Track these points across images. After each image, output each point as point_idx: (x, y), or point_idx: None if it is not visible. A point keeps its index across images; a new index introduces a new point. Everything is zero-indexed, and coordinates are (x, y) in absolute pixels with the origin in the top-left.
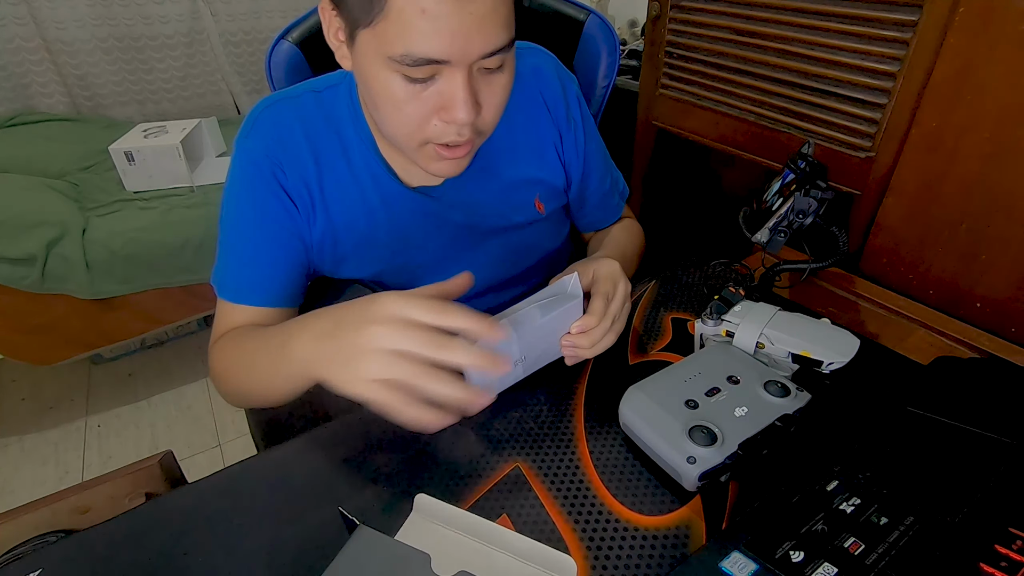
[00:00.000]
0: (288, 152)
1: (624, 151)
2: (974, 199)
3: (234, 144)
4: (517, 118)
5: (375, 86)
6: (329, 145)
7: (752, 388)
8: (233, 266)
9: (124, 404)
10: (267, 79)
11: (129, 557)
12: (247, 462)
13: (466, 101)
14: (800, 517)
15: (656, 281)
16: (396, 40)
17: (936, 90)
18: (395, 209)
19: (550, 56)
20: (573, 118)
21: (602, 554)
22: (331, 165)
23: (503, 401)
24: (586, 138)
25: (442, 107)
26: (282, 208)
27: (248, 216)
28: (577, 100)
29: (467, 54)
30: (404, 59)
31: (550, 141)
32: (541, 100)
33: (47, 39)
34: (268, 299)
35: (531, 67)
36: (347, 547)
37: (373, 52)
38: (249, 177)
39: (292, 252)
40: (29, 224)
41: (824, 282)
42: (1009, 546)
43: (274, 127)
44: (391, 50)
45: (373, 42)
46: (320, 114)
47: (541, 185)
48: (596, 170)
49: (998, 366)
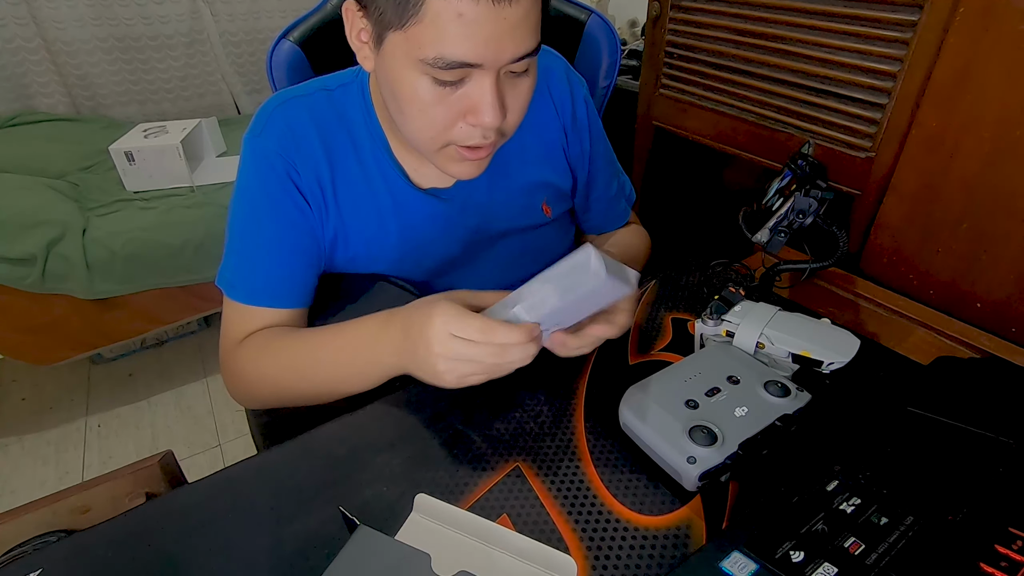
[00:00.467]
0: (302, 151)
1: (624, 151)
2: (974, 199)
3: (244, 142)
4: (526, 121)
5: (402, 88)
6: (341, 145)
7: (752, 388)
8: (247, 267)
9: (124, 404)
10: (268, 79)
11: (129, 557)
12: (247, 462)
13: (494, 105)
14: (800, 517)
15: (656, 281)
16: (429, 43)
17: (936, 90)
18: (406, 211)
19: (560, 58)
20: (579, 120)
21: (602, 554)
22: (343, 165)
23: (503, 401)
24: (592, 141)
25: (469, 111)
26: (296, 208)
27: (263, 216)
28: (585, 103)
29: (499, 58)
30: (437, 62)
31: (558, 143)
32: (550, 101)
33: (47, 39)
34: (286, 300)
35: (542, 68)
36: (347, 547)
37: (403, 54)
38: (263, 176)
39: (308, 252)
40: (29, 224)
41: (824, 282)
42: (1009, 546)
43: (287, 126)
44: (423, 53)
45: (404, 45)
46: (333, 113)
47: (549, 188)
48: (602, 174)
49: (998, 366)
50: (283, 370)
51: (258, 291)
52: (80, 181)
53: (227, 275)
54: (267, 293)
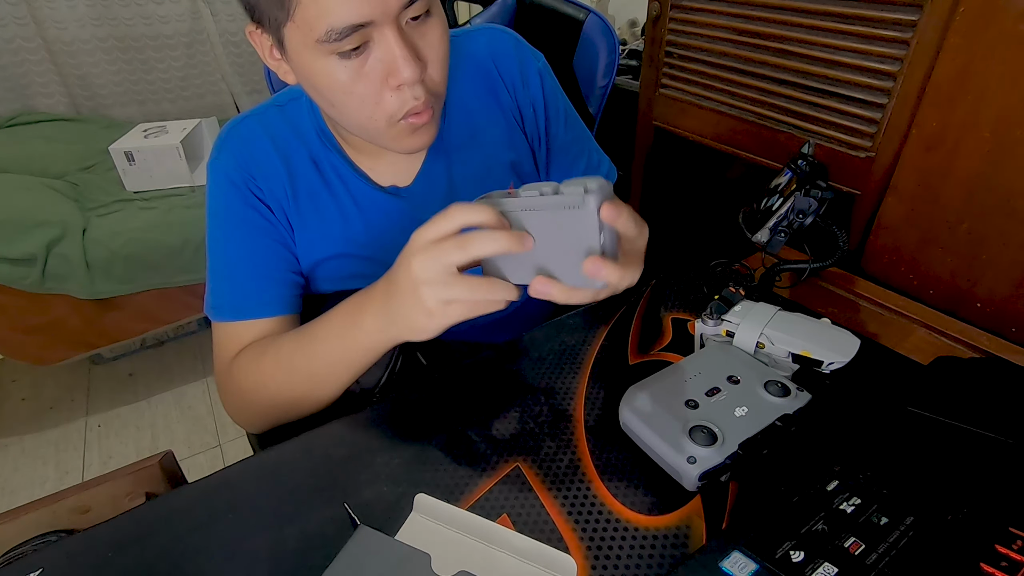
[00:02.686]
0: (260, 165)
1: (624, 151)
2: (974, 199)
3: (207, 168)
4: (474, 104)
5: (318, 80)
6: (297, 154)
7: (752, 388)
8: (228, 285)
9: (124, 404)
10: (266, 79)
11: (129, 557)
12: (247, 462)
13: (406, 57)
14: (800, 517)
15: (656, 281)
16: (317, 19)
17: (936, 90)
18: (369, 212)
19: (511, 34)
20: (533, 96)
21: (602, 554)
22: (302, 173)
23: (503, 401)
24: (548, 117)
25: (388, 74)
26: (263, 219)
27: (234, 233)
28: (539, 75)
29: (387, 7)
30: (330, 35)
31: (513, 121)
32: (499, 79)
33: (47, 39)
34: (272, 308)
35: (487, 48)
36: (347, 547)
37: (302, 45)
38: (226, 195)
39: (283, 259)
40: (29, 224)
41: (824, 282)
42: (1009, 546)
43: (243, 143)
44: (316, 32)
45: (298, 34)
46: (286, 126)
47: (513, 168)
48: (565, 151)
49: (998, 366)
50: (275, 371)
51: (242, 305)
52: (80, 181)
53: (212, 300)
54: (251, 304)
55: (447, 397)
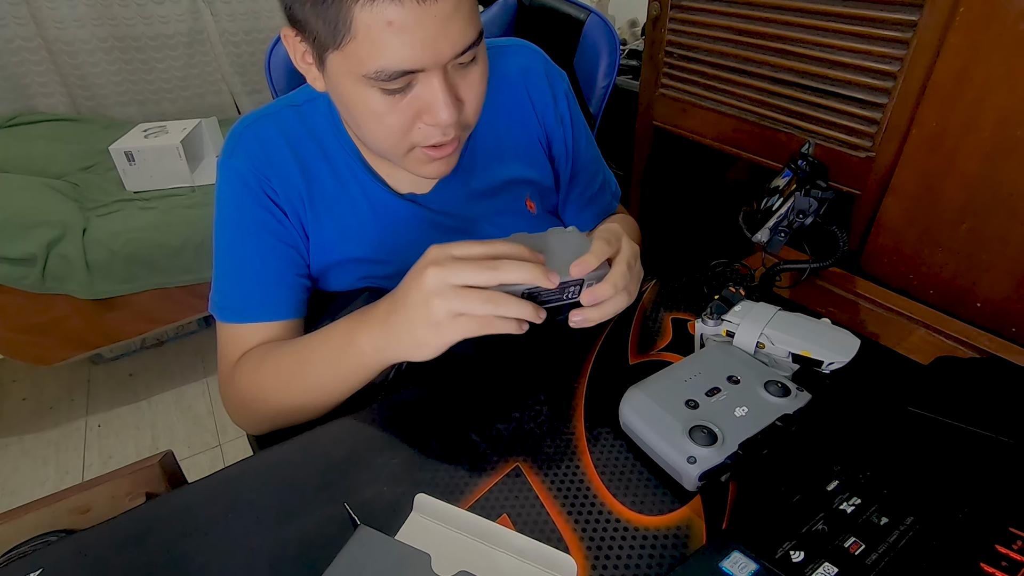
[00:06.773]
0: (275, 167)
1: (624, 151)
2: (974, 199)
3: (217, 166)
4: (502, 119)
5: (353, 104)
6: (314, 157)
7: (752, 388)
8: (235, 286)
9: (124, 404)
10: (267, 79)
11: (129, 557)
12: (247, 462)
13: (447, 103)
14: (800, 517)
15: (656, 281)
16: (368, 59)
17: (936, 90)
18: (385, 217)
19: (538, 54)
20: (561, 116)
21: (602, 554)
22: (318, 176)
23: (503, 401)
24: (575, 136)
25: (424, 111)
26: (275, 219)
27: (244, 234)
28: (566, 97)
29: (439, 58)
30: (379, 75)
31: (537, 140)
32: (528, 99)
33: (47, 39)
34: (277, 312)
35: (518, 66)
36: (347, 547)
37: (346, 73)
38: (238, 195)
39: (292, 262)
40: (29, 224)
41: (824, 282)
42: (1009, 546)
43: (258, 144)
44: (364, 69)
45: (345, 64)
46: (302, 128)
47: (531, 185)
48: (585, 170)
49: (998, 366)
50: (274, 381)
51: (248, 307)
52: (80, 181)
53: (217, 299)
54: (257, 306)
55: (447, 397)
